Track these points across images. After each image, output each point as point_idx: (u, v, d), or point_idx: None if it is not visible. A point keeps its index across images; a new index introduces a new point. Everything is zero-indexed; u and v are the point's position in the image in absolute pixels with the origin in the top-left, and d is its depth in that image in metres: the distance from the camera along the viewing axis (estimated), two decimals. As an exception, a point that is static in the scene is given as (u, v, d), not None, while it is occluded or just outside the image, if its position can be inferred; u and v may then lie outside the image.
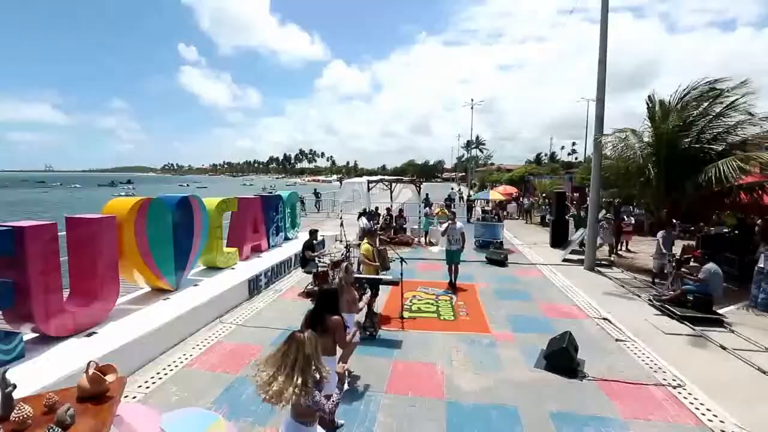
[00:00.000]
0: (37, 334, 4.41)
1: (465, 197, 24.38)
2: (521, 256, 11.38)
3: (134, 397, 4.06)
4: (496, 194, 21.17)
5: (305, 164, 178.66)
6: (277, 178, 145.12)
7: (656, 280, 8.50)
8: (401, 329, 5.92)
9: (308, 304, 5.75)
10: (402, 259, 6.38)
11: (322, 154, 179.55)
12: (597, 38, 9.21)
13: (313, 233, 7.93)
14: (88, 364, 2.89)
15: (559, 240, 12.50)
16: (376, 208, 15.28)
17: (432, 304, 7.10)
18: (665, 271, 8.31)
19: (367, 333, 5.64)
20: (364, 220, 10.13)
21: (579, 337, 5.10)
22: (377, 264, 6.24)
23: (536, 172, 31.62)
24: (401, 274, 6.25)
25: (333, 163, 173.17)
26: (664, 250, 8.45)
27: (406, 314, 6.44)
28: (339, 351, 3.53)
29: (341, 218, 12.23)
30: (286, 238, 10.88)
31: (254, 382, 2.20)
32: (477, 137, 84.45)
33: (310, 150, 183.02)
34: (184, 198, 6.54)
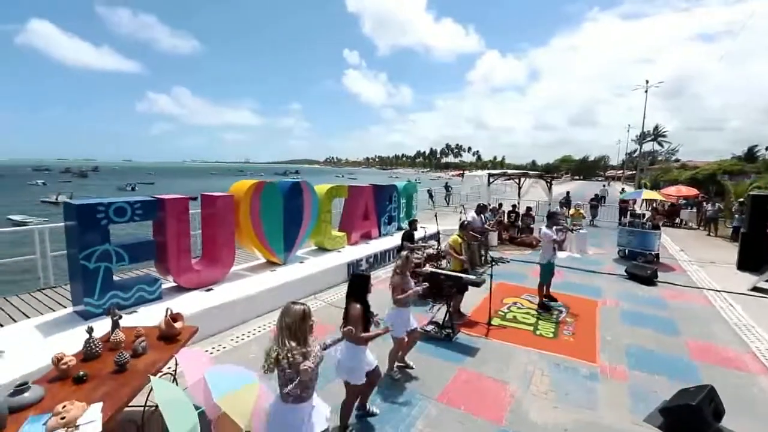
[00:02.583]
0: (174, 284, 5.63)
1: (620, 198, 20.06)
2: (683, 276, 8.78)
3: (224, 348, 4.78)
4: (651, 194, 15.97)
5: (451, 159, 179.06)
6: (423, 171, 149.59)
7: None
8: (484, 336, 5.32)
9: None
10: (493, 260, 5.69)
11: (469, 149, 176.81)
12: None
13: (413, 224, 7.82)
14: (166, 311, 3.53)
15: (751, 260, 9.14)
16: (500, 205, 14.16)
17: (532, 315, 6.13)
18: None
19: (443, 333, 5.27)
20: (472, 213, 9.47)
21: (740, 398, 3.68)
22: (464, 258, 5.73)
23: (737, 169, 23.47)
24: (491, 276, 5.58)
25: (479, 158, 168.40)
26: None
27: (495, 321, 5.75)
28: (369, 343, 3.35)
29: (461, 211, 11.75)
30: (399, 228, 11.07)
31: None
32: (656, 127, 68.28)
33: (456, 144, 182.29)
34: (295, 183, 7.31)
